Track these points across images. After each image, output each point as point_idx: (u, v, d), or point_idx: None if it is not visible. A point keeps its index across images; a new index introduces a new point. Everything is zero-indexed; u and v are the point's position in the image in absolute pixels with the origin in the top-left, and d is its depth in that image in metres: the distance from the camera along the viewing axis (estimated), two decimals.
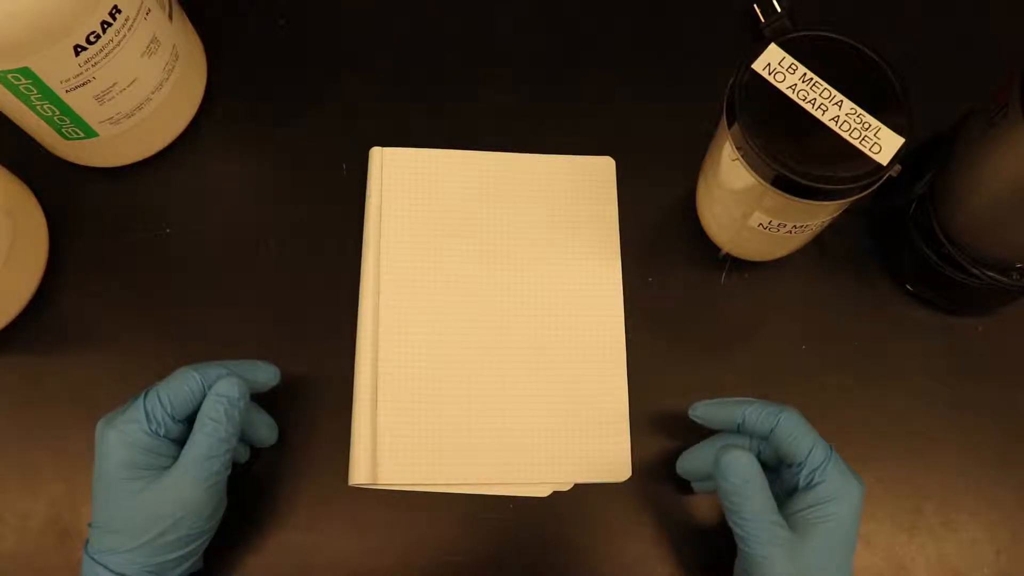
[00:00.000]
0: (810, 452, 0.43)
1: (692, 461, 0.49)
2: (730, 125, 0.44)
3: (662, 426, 0.52)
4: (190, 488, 0.42)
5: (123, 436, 0.43)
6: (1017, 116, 0.41)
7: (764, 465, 0.47)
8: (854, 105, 0.43)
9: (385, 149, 0.57)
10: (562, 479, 0.51)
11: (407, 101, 0.59)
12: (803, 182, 0.42)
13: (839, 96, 0.43)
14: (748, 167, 0.44)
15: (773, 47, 0.44)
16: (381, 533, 0.50)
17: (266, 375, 0.47)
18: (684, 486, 0.51)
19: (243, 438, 0.48)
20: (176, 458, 0.43)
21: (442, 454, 0.51)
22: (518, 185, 0.57)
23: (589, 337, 0.54)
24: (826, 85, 0.43)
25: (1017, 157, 0.43)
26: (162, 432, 0.43)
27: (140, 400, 0.44)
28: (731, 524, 0.44)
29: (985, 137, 0.45)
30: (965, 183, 0.48)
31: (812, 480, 0.43)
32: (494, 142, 0.58)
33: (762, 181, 0.44)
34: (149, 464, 0.43)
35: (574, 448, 0.52)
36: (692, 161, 0.54)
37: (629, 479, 0.51)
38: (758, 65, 0.44)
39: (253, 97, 0.59)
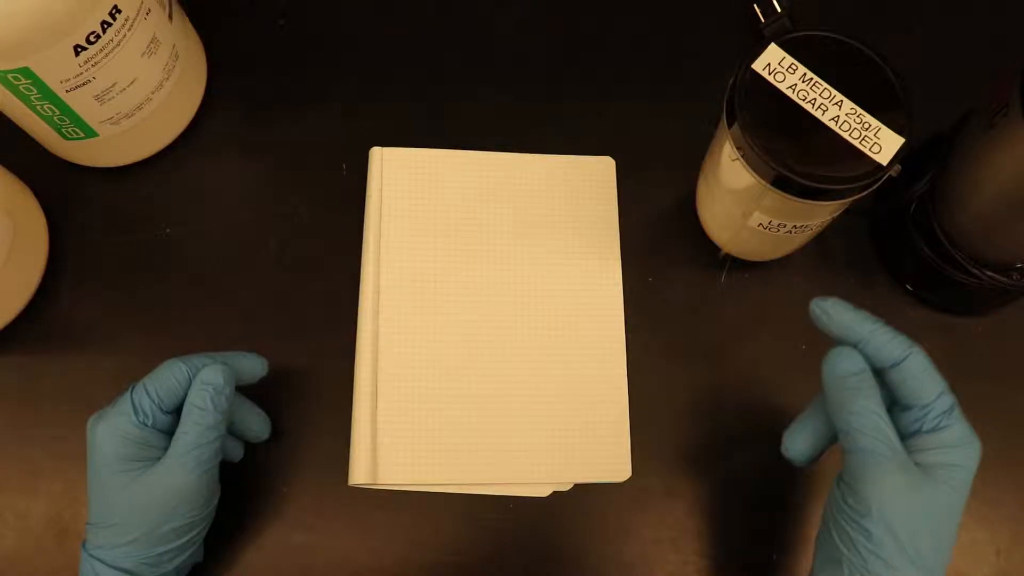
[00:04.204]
0: (939, 396, 0.40)
1: (797, 437, 0.44)
2: (730, 125, 0.44)
3: (662, 426, 0.52)
4: (182, 477, 0.42)
5: (112, 429, 0.43)
6: (1017, 116, 0.41)
7: None
8: (854, 105, 0.43)
9: (385, 149, 0.57)
10: (562, 479, 0.51)
11: (407, 101, 0.59)
12: (803, 182, 0.42)
13: (839, 96, 0.43)
14: (748, 167, 0.44)
15: (773, 47, 0.44)
16: (381, 533, 0.50)
17: (253, 366, 0.47)
18: (684, 486, 0.51)
19: (235, 433, 0.48)
20: (167, 449, 0.43)
21: (442, 454, 0.51)
22: (518, 185, 0.57)
23: (589, 337, 0.54)
24: (826, 85, 0.43)
25: (1017, 157, 0.43)
26: (150, 423, 0.43)
27: (128, 394, 0.44)
28: (837, 423, 0.40)
29: (985, 137, 0.45)
30: (965, 183, 0.48)
31: (940, 423, 0.39)
32: (494, 142, 0.58)
33: (762, 181, 0.44)
34: (140, 456, 0.43)
35: (574, 448, 0.51)
36: (692, 161, 0.54)
37: (629, 479, 0.51)
38: (758, 65, 0.44)
39: (253, 97, 0.59)
